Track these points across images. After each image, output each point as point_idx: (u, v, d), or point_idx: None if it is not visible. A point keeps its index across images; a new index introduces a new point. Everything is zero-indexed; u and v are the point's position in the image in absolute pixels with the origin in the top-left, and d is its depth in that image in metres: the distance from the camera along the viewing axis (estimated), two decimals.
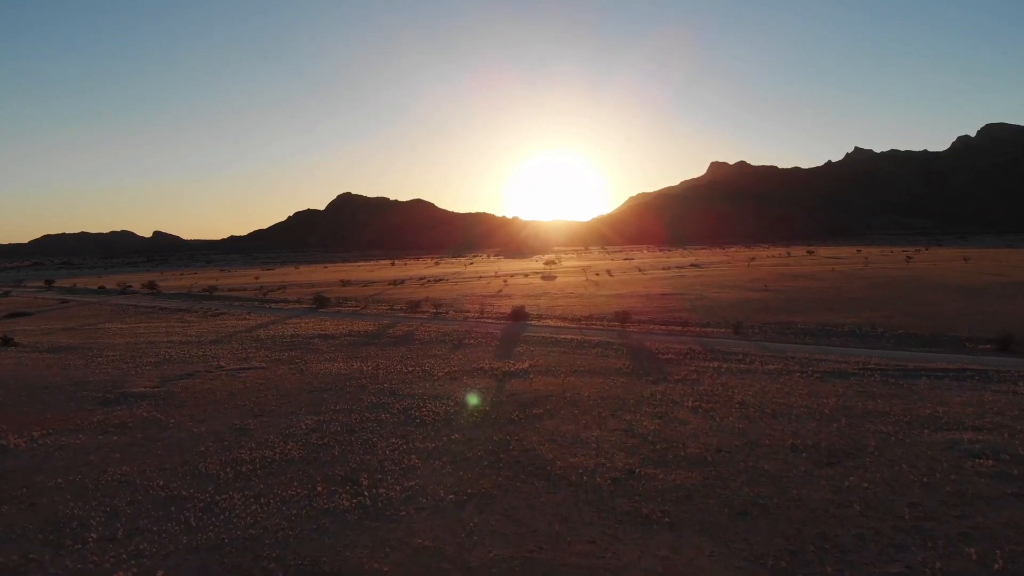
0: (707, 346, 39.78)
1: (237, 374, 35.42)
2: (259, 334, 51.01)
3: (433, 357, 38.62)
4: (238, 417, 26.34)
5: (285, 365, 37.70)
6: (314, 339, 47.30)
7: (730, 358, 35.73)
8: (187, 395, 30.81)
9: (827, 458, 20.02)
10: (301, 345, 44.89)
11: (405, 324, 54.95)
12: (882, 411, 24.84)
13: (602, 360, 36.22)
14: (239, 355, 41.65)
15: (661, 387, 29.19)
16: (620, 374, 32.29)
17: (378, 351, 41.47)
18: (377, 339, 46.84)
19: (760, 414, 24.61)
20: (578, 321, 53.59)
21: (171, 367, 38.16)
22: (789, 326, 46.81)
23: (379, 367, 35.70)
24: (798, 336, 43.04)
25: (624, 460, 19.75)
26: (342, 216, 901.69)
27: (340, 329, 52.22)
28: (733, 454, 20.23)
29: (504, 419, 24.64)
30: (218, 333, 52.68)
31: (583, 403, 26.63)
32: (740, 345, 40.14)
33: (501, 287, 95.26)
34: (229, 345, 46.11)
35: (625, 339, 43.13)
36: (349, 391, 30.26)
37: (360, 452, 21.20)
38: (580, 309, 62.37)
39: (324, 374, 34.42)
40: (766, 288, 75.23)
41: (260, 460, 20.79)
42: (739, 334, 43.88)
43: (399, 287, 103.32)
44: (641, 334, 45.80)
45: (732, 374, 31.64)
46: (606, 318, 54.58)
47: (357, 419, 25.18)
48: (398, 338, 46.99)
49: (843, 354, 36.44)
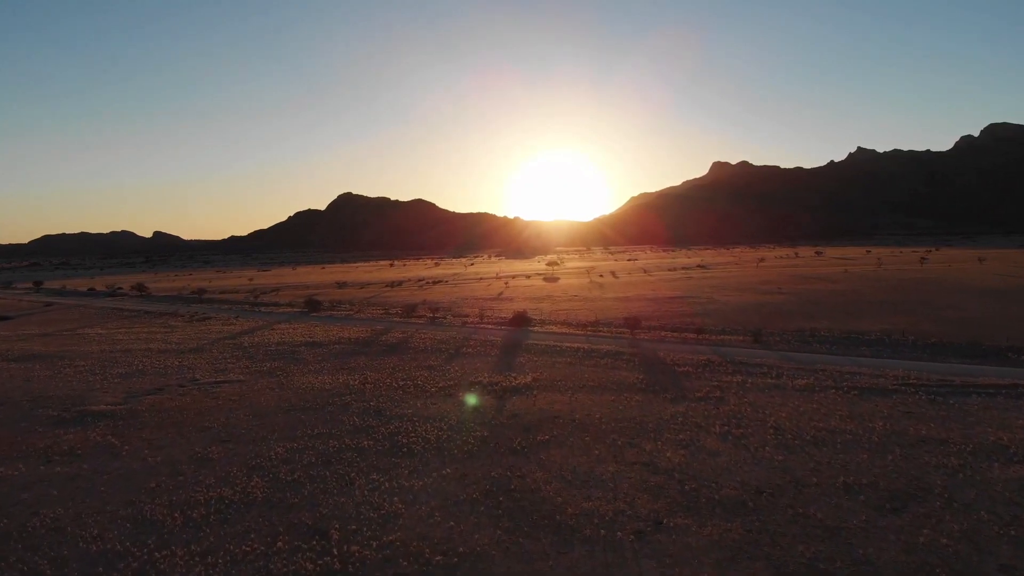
0: (726, 356, 36.52)
1: (211, 388, 32.21)
2: (243, 341, 47.82)
3: (427, 369, 35.39)
4: (202, 443, 23.14)
5: (265, 378, 34.48)
6: (301, 347, 44.09)
7: (754, 371, 32.46)
8: (151, 414, 27.60)
9: (889, 502, 16.76)
10: (286, 354, 41.69)
11: (400, 330, 51.74)
12: (938, 438, 21.58)
13: (612, 373, 32.97)
14: (217, 366, 38.44)
15: (682, 407, 25.92)
16: (634, 390, 29.03)
17: (368, 361, 38.24)
18: (368, 347, 43.63)
19: (800, 441, 21.37)
20: (584, 327, 50.33)
21: (141, 380, 34.97)
22: (812, 333, 43.55)
23: (367, 381, 32.47)
24: (824, 345, 39.76)
25: (648, 505, 16.50)
26: (343, 216, 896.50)
27: (330, 336, 49.01)
28: (777, 497, 16.97)
29: (504, 447, 21.41)
30: (200, 340, 49.50)
31: (594, 427, 23.38)
32: (762, 355, 36.87)
33: (502, 289, 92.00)
34: (209, 354, 42.92)
35: (636, 348, 39.88)
36: (331, 410, 27.04)
37: (334, 492, 17.97)
38: (585, 313, 59.12)
39: (306, 389, 31.20)
40: (780, 291, 71.96)
41: (217, 502, 17.58)
42: (759, 342, 40.64)
43: (397, 289, 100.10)
44: (653, 342, 42.55)
45: (759, 391, 28.37)
46: (614, 324, 51.32)
47: (336, 447, 21.96)
48: (391, 346, 43.78)
49: (877, 366, 33.17)
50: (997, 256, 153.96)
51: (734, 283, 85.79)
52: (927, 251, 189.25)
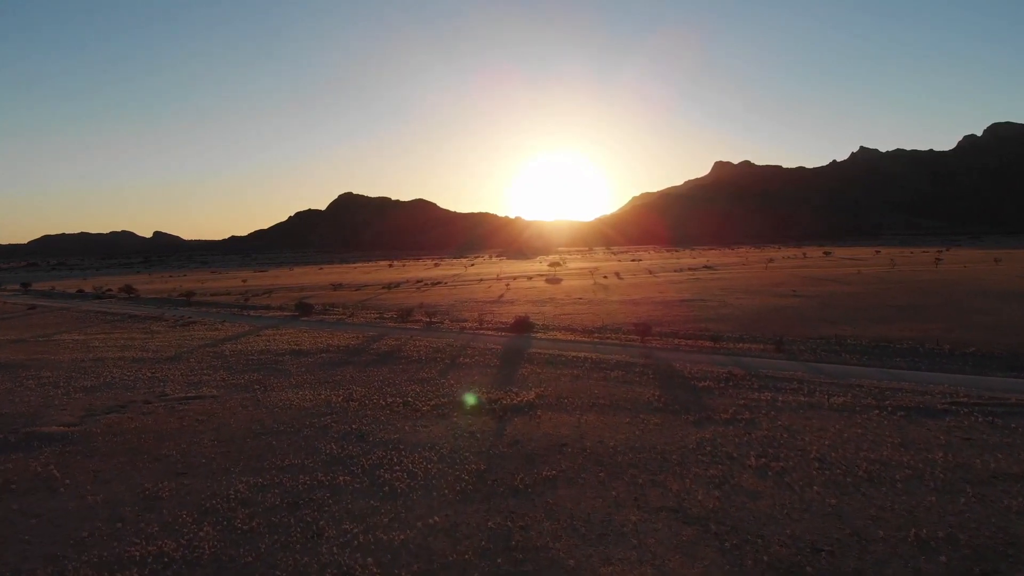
0: (749, 368, 33.28)
1: (179, 406, 29.03)
2: (224, 349, 44.64)
3: (419, 382, 32.18)
4: (154, 476, 19.97)
5: (241, 393, 31.29)
6: (284, 356, 40.90)
7: (783, 387, 29.22)
8: (106, 438, 24.42)
9: (977, 563, 13.54)
10: (268, 365, 38.49)
11: (393, 337, 48.54)
12: (1013, 473, 18.34)
13: (625, 388, 29.74)
14: (191, 378, 35.27)
15: (708, 431, 22.69)
16: (651, 410, 25.80)
17: (356, 373, 35.03)
18: (357, 356, 40.43)
19: (851, 479, 18.15)
20: (590, 333, 47.10)
21: (106, 394, 31.80)
22: (837, 341, 40.29)
23: (352, 397, 29.27)
24: (853, 355, 36.51)
25: (683, 571, 13.29)
26: (343, 216, 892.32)
27: (317, 343, 45.82)
28: (839, 557, 13.72)
29: (504, 485, 18.20)
30: (179, 347, 46.33)
31: (609, 458, 20.17)
32: (788, 367, 33.64)
33: (503, 292, 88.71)
34: (186, 363, 39.75)
35: (649, 358, 36.63)
36: (307, 434, 23.84)
37: (297, 547, 14.75)
38: (591, 318, 55.88)
39: (283, 407, 28.00)
40: (794, 293, 68.66)
41: (154, 560, 14.36)
42: (782, 352, 37.40)
43: (393, 291, 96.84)
44: (666, 351, 39.30)
45: (793, 411, 25.13)
46: (622, 330, 48.08)
47: (307, 483, 18.77)
48: (382, 355, 40.57)
49: (918, 381, 29.92)
50: (1012, 256, 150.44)
51: (744, 285, 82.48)
52: (938, 251, 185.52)
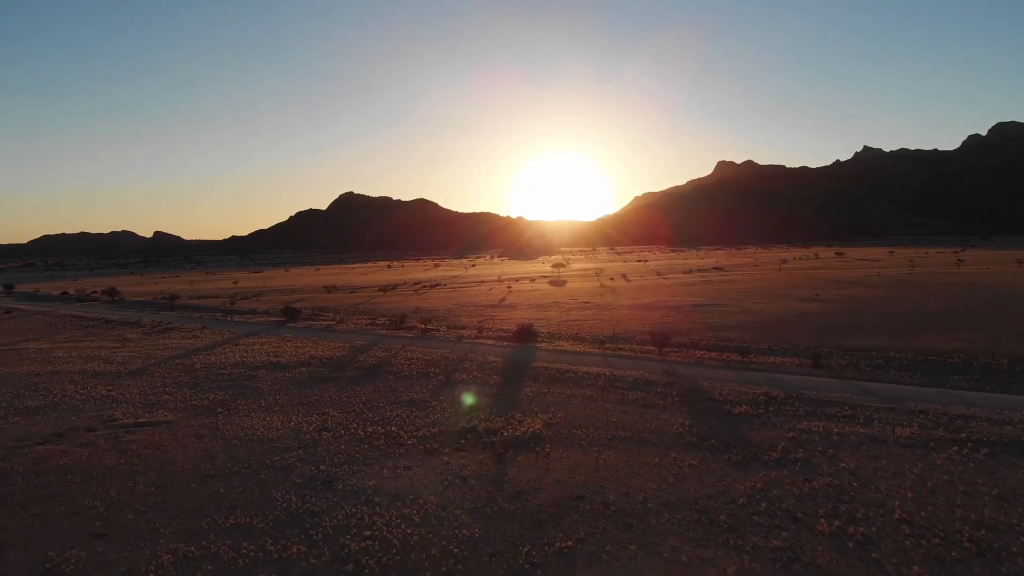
0: (788, 388, 28.88)
1: (125, 435, 24.74)
2: (196, 361, 40.32)
3: (407, 405, 27.83)
4: (66, 537, 15.73)
5: (200, 418, 26.98)
6: (260, 371, 36.56)
7: (833, 413, 24.82)
8: (26, 479, 20.13)
9: None
10: (239, 381, 34.18)
11: (384, 346, 44.21)
12: None
13: (648, 415, 25.36)
14: (149, 397, 30.97)
15: (758, 478, 18.31)
16: (683, 445, 21.43)
17: (336, 393, 30.68)
18: (341, 371, 36.08)
19: (956, 551, 13.80)
20: (601, 344, 42.65)
21: (46, 419, 27.51)
22: (879, 354, 35.87)
23: (326, 425, 24.93)
24: (903, 372, 32.06)
25: None
26: (344, 216, 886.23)
27: (299, 354, 41.47)
28: None
29: (505, 566, 13.85)
30: (148, 359, 42.04)
31: (640, 521, 15.80)
32: (832, 387, 29.23)
33: (504, 294, 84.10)
34: (149, 379, 35.46)
35: (670, 375, 32.23)
36: (265, 477, 19.52)
37: None
38: (600, 325, 51.46)
39: (244, 439, 23.67)
40: (816, 297, 64.08)
41: None
42: (822, 367, 32.99)
43: (390, 294, 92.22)
44: (689, 365, 34.88)
45: (854, 447, 20.73)
46: (636, 339, 43.67)
47: (250, 555, 14.47)
48: (368, 370, 36.22)
49: (989, 406, 25.50)
50: None
51: (761, 288, 77.87)
52: (954, 252, 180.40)
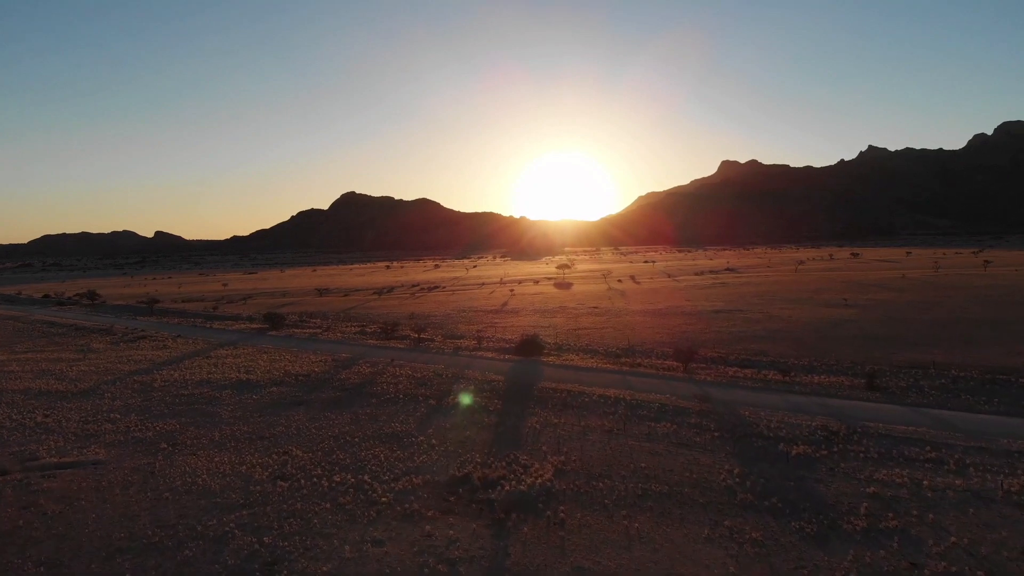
0: (847, 418, 23.89)
1: (39, 482, 19.87)
2: (157, 378, 35.40)
3: (387, 441, 22.88)
4: None
5: (137, 456, 22.10)
6: (225, 391, 31.64)
7: (913, 455, 19.83)
8: None
9: None
10: (198, 404, 29.28)
11: (370, 360, 39.26)
12: None
13: (684, 456, 20.38)
14: (88, 427, 26.10)
15: (847, 562, 13.31)
16: (735, 506, 16.44)
17: (305, 422, 25.75)
18: (317, 392, 31.14)
19: None
20: (616, 358, 37.61)
21: None
22: (939, 372, 30.85)
23: (284, 471, 20.00)
24: (971, 394, 27.04)
25: None
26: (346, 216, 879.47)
27: (273, 370, 36.53)
28: None
29: None
30: (105, 375, 37.16)
31: None
32: (900, 417, 24.22)
33: (507, 298, 78.90)
34: (97, 401, 30.59)
35: (705, 401, 27.21)
36: (190, 555, 14.59)
37: None
38: (613, 334, 46.47)
39: (180, 490, 18.77)
40: (846, 303, 58.88)
41: None
42: (878, 390, 27.99)
43: (385, 297, 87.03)
44: (722, 387, 29.87)
45: (958, 509, 15.73)
46: (655, 352, 38.66)
47: None
48: (349, 390, 31.27)
49: None
50: None
51: (781, 291, 72.64)
52: (973, 253, 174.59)
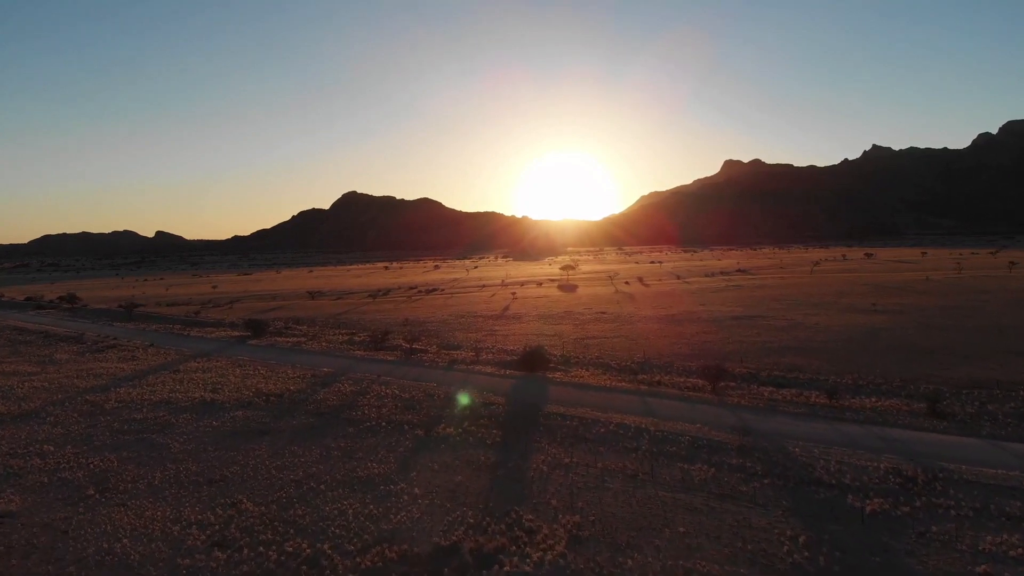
0: (918, 457, 19.65)
1: None
2: (111, 398, 31.21)
3: (359, 490, 18.63)
4: None
5: (55, 508, 17.93)
6: (184, 415, 27.43)
7: (1018, 511, 15.50)
8: None
9: None
10: (148, 433, 25.08)
11: (354, 376, 35.01)
12: None
13: (730, 515, 16.11)
14: (11, 463, 22.06)
15: None
16: None
17: (267, 459, 21.51)
18: (288, 417, 26.89)
19: None
20: (633, 375, 33.30)
21: None
22: (1004, 391, 26.58)
23: (226, 536, 15.76)
24: None
25: None
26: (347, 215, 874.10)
27: (244, 388, 32.30)
28: None
29: None
30: (56, 393, 32.99)
31: None
32: (980, 454, 20.04)
33: (508, 302, 74.60)
34: (34, 427, 26.41)
35: (743, 432, 22.93)
36: None
37: None
38: (626, 345, 42.19)
39: (92, 562, 14.68)
40: (875, 308, 54.50)
41: None
42: (943, 417, 23.70)
43: (380, 300, 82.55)
44: (761, 413, 25.58)
45: None
46: (675, 366, 34.37)
47: None
48: (325, 415, 27.02)
49: None
50: None
51: (801, 295, 68.17)
52: (990, 253, 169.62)
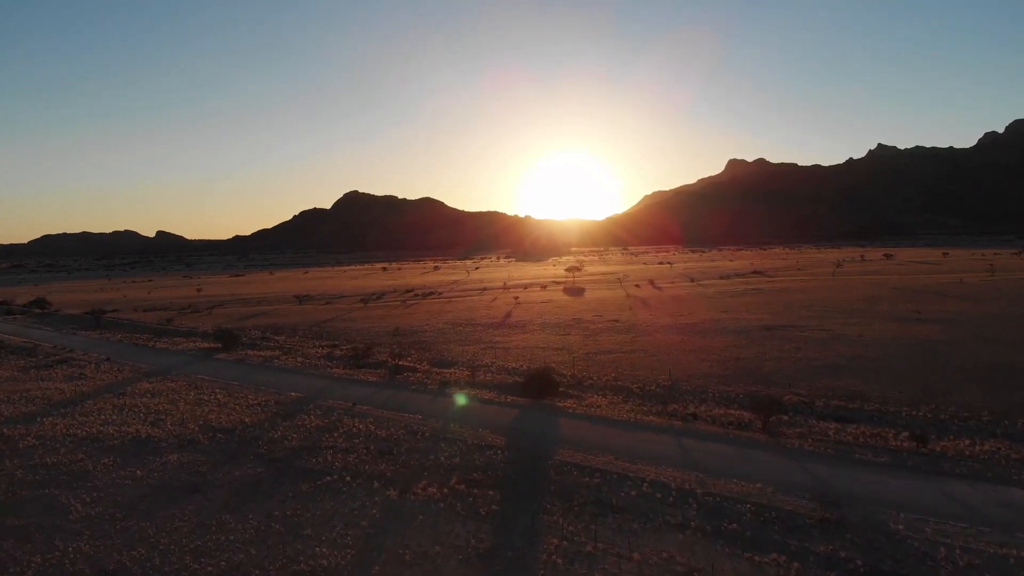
0: None
1: None
2: (30, 432, 25.73)
3: None
4: None
5: None
6: (105, 459, 21.91)
7: None
8: None
9: None
10: (50, 488, 19.59)
11: (324, 403, 29.42)
12: None
13: None
14: None
15: None
16: None
17: (186, 538, 15.99)
18: (231, 465, 21.32)
19: None
20: (661, 403, 27.63)
21: None
22: None
23: None
24: None
25: None
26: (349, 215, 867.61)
27: (191, 420, 26.73)
28: None
29: None
30: None
31: None
32: None
33: (511, 307, 68.83)
34: None
35: (824, 502, 17.21)
36: None
37: None
38: (646, 360, 36.51)
39: None
40: (920, 316, 48.78)
41: None
42: None
43: (372, 305, 76.32)
44: (831, 462, 20.00)
45: None
46: (710, 392, 28.70)
47: None
48: (277, 462, 21.43)
49: None
50: None
51: (830, 301, 62.15)
52: (1014, 254, 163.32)
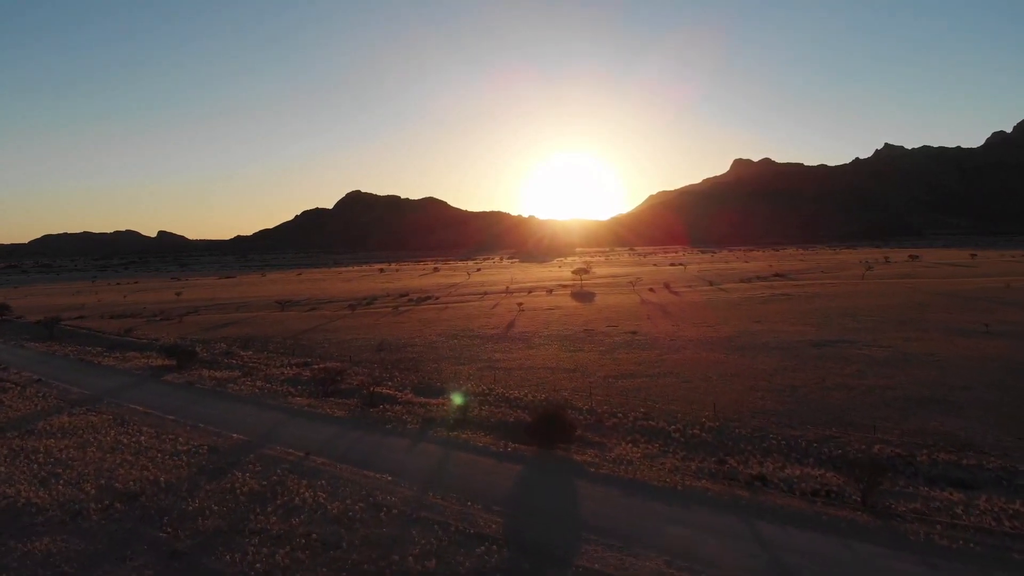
0: None
1: None
2: None
3: None
4: None
5: None
6: None
7: None
8: None
9: None
10: None
11: (271, 451, 23.13)
12: None
13: None
14: None
15: None
16: None
17: None
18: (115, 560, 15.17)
19: None
20: (709, 452, 21.27)
21: None
22: None
23: None
24: None
25: None
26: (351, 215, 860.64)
27: (97, 474, 20.66)
28: None
29: None
30: None
31: None
32: None
33: (513, 315, 61.83)
34: None
35: None
36: None
37: None
38: (678, 387, 30.10)
39: None
40: (988, 329, 42.30)
41: None
42: None
43: (360, 312, 69.24)
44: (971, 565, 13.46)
45: None
46: (774, 438, 22.28)
47: None
48: (178, 557, 15.27)
49: None
50: None
51: (874, 308, 55.22)
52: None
